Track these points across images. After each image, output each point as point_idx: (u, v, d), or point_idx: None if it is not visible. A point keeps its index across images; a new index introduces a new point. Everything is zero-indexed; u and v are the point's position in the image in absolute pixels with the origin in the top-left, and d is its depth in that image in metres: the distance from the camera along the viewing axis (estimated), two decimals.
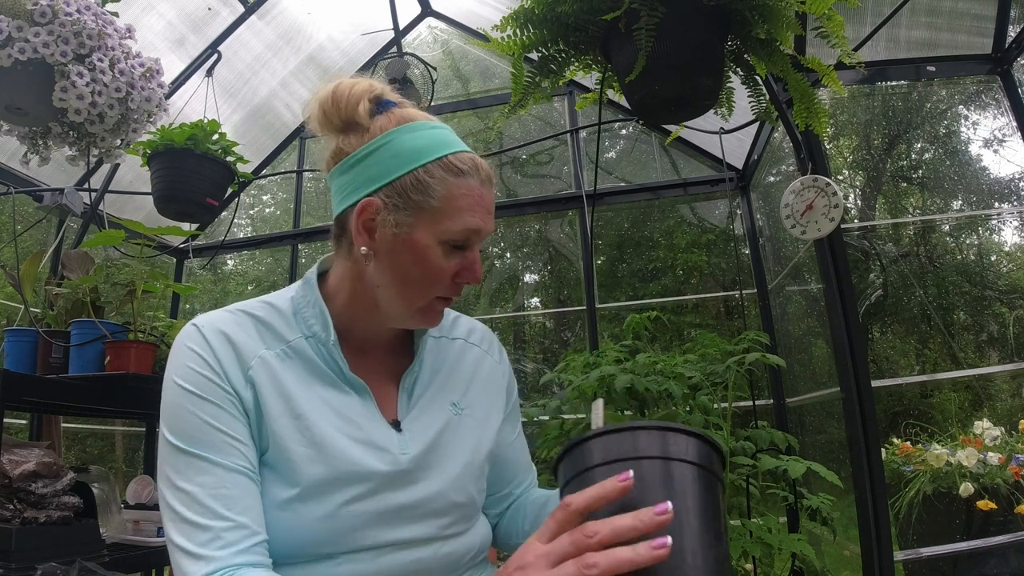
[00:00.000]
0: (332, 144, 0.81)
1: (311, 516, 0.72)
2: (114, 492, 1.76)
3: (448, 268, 0.77)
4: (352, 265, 0.80)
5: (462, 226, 0.76)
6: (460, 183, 0.76)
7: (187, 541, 0.67)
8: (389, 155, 0.76)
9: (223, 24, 2.88)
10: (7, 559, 1.25)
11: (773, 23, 1.26)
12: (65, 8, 1.43)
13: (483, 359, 0.94)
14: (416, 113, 0.80)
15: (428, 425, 0.82)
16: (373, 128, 0.77)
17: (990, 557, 2.03)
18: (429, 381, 0.86)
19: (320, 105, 0.79)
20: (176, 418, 0.72)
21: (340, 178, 0.79)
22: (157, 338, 1.64)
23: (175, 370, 0.74)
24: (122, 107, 1.60)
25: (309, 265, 3.89)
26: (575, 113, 3.32)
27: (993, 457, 2.17)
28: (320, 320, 0.80)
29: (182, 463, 0.70)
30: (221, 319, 0.78)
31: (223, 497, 0.69)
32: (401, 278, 0.77)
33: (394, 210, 0.75)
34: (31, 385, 1.46)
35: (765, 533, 1.55)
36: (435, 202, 0.75)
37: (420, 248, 0.75)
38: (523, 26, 1.38)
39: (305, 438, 0.74)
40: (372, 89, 0.79)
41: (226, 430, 0.72)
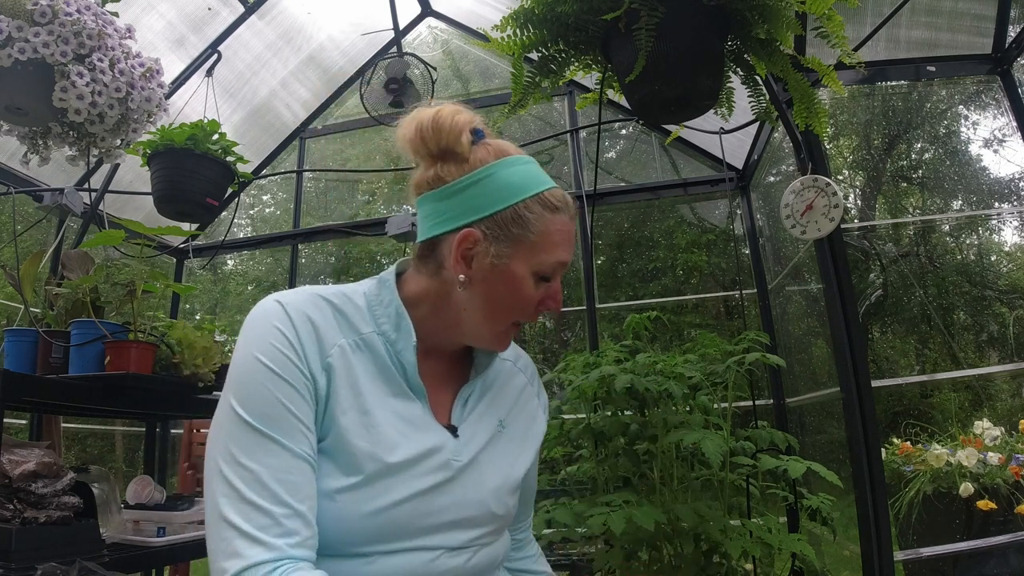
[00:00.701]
0: (426, 170, 0.83)
1: (358, 511, 0.72)
2: (114, 492, 1.76)
3: (535, 297, 0.82)
4: (439, 285, 0.83)
5: (555, 259, 0.81)
6: (555, 219, 0.81)
7: (244, 521, 0.65)
8: (491, 188, 0.79)
9: (223, 24, 2.88)
10: (7, 559, 1.25)
11: (773, 23, 1.26)
12: (65, 8, 1.43)
13: (526, 387, 0.98)
14: (509, 146, 0.84)
15: (478, 436, 0.85)
16: (472, 159, 0.81)
17: (990, 557, 2.03)
18: (481, 395, 0.90)
19: (418, 129, 0.82)
20: (251, 394, 0.71)
21: (436, 204, 0.82)
22: (157, 338, 1.64)
23: (256, 345, 0.73)
24: (122, 107, 1.60)
25: (309, 265, 3.91)
26: (575, 113, 3.32)
27: (993, 457, 2.17)
28: (393, 321, 0.82)
29: (251, 440, 0.69)
30: (304, 301, 0.78)
31: (287, 483, 0.68)
32: (492, 304, 0.81)
33: (494, 241, 0.79)
34: (31, 385, 1.45)
35: (765, 533, 1.55)
36: (532, 236, 0.79)
37: (516, 278, 0.80)
38: (523, 26, 1.38)
39: (369, 434, 0.75)
40: (472, 120, 0.82)
41: (299, 415, 0.72)
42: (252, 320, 0.77)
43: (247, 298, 8.33)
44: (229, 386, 0.73)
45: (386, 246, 7.31)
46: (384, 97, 2.68)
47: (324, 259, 8.15)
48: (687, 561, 1.55)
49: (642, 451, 1.81)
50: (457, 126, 0.80)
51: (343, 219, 4.48)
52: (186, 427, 2.75)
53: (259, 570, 0.64)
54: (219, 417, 0.72)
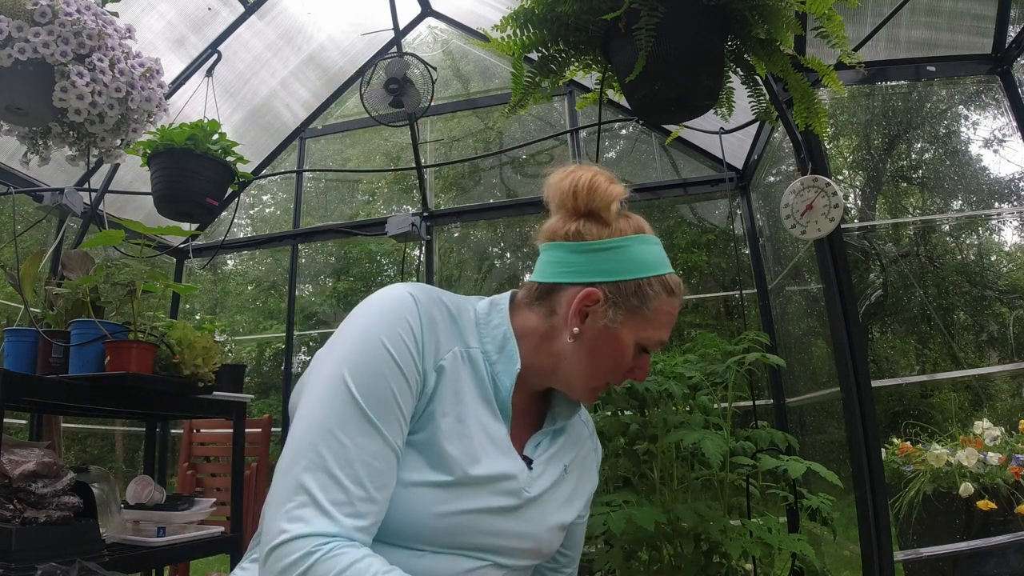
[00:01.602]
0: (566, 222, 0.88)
1: (429, 509, 0.75)
2: (114, 492, 1.76)
3: (629, 364, 0.88)
4: (547, 328, 0.87)
5: (658, 338, 0.88)
6: (670, 301, 0.87)
7: (320, 491, 0.67)
8: (624, 257, 0.86)
9: (223, 24, 2.88)
10: (7, 559, 1.25)
11: (773, 23, 1.26)
12: (65, 8, 1.43)
13: (588, 440, 1.03)
14: (646, 225, 0.90)
15: (548, 474, 0.89)
16: (614, 227, 0.87)
17: (990, 557, 2.03)
18: (552, 441, 0.94)
19: (573, 185, 0.87)
20: (368, 375, 0.73)
21: (568, 255, 0.87)
22: (157, 338, 1.64)
23: (384, 330, 0.76)
24: (122, 107, 1.60)
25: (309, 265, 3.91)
26: (575, 113, 3.32)
27: (993, 457, 2.17)
28: (497, 344, 0.86)
29: (353, 418, 0.71)
30: (431, 300, 0.82)
31: (373, 468, 0.70)
32: (592, 362, 0.86)
33: (612, 306, 0.84)
34: (31, 385, 1.46)
35: (765, 533, 1.55)
36: (647, 311, 0.85)
37: (621, 344, 0.85)
38: (523, 26, 1.38)
39: (460, 442, 0.78)
40: (623, 193, 0.89)
41: (403, 407, 0.74)
42: (382, 304, 0.79)
43: (247, 298, 8.32)
44: (345, 359, 0.74)
45: (386, 246, 7.31)
46: (384, 97, 2.68)
47: (324, 259, 8.15)
48: (687, 561, 1.55)
49: (642, 451, 1.81)
50: (611, 194, 0.87)
51: (343, 219, 4.48)
52: (186, 427, 2.75)
53: (318, 539, 0.66)
54: (325, 383, 0.74)
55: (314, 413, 0.72)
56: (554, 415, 0.94)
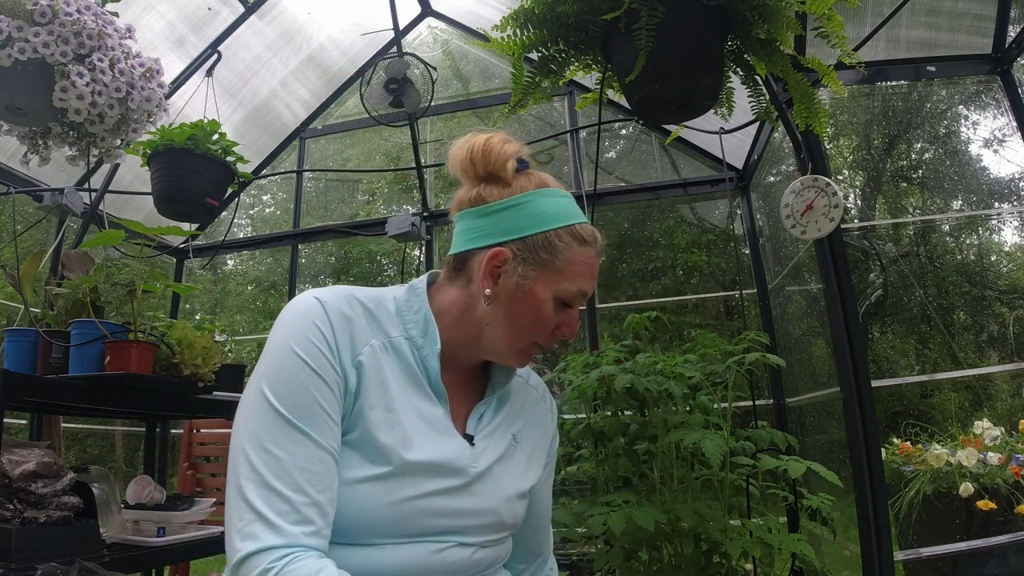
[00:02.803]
0: (469, 189, 0.89)
1: (378, 501, 0.75)
2: (114, 492, 1.76)
3: (553, 321, 0.86)
4: (466, 298, 0.87)
5: (576, 288, 0.85)
6: (583, 250, 0.86)
7: (264, 506, 0.68)
8: (526, 213, 0.85)
9: (223, 24, 2.88)
10: (7, 559, 1.25)
11: (773, 23, 1.26)
12: (65, 8, 1.43)
13: (539, 404, 1.02)
14: (549, 179, 0.90)
15: (493, 447, 0.89)
16: (514, 185, 0.87)
17: (990, 557, 2.03)
18: (496, 411, 0.94)
19: (469, 151, 0.88)
20: (285, 385, 0.74)
21: (473, 221, 0.87)
22: (157, 338, 1.64)
23: (294, 338, 0.77)
24: (122, 107, 1.60)
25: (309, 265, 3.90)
26: (575, 113, 3.32)
27: (993, 457, 2.17)
28: (420, 327, 0.86)
29: (280, 429, 0.72)
30: (341, 300, 0.83)
31: (310, 472, 0.71)
32: (512, 323, 0.85)
33: (522, 263, 0.84)
34: (31, 385, 1.45)
35: (765, 533, 1.55)
36: (559, 263, 0.84)
37: (537, 300, 0.84)
38: (523, 26, 1.38)
39: (393, 431, 0.79)
40: (520, 151, 0.89)
41: (327, 409, 0.75)
42: (290, 314, 0.80)
43: (247, 298, 8.32)
44: (262, 374, 0.76)
45: (386, 246, 7.31)
46: (384, 97, 2.68)
47: (324, 259, 8.14)
48: (687, 561, 1.55)
49: (642, 451, 1.81)
50: (505, 153, 0.87)
51: (343, 219, 4.48)
52: (186, 427, 2.75)
53: (272, 554, 0.67)
54: (249, 402, 0.75)
55: (245, 430, 0.73)
56: (493, 384, 0.94)
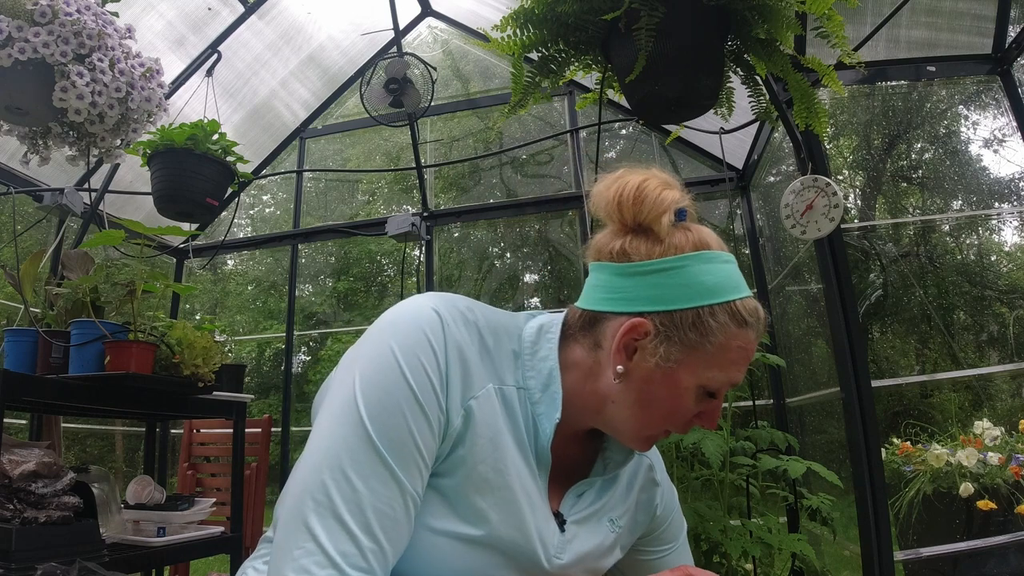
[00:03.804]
0: (613, 238, 0.74)
1: (451, 562, 0.67)
2: (114, 492, 1.76)
3: (694, 410, 0.73)
4: (592, 364, 0.74)
5: (727, 379, 0.72)
6: (741, 334, 0.70)
7: (327, 539, 0.59)
8: (678, 282, 0.70)
9: (223, 24, 2.88)
10: (7, 559, 1.25)
11: (773, 23, 1.26)
12: (65, 8, 1.43)
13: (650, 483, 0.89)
14: (710, 237, 0.74)
15: (585, 538, 0.78)
16: (667, 243, 0.71)
17: (990, 557, 2.03)
18: (600, 494, 0.82)
19: (617, 195, 0.74)
20: (385, 410, 0.64)
21: (613, 278, 0.73)
22: (157, 338, 1.64)
23: (403, 351, 0.66)
24: (122, 107, 1.60)
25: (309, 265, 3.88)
26: (575, 113, 3.32)
27: (993, 457, 2.17)
28: (542, 381, 0.74)
29: (366, 457, 0.62)
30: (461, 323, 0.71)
31: (385, 516, 0.62)
32: (643, 407, 0.72)
33: (665, 341, 0.69)
34: (31, 385, 1.46)
35: (765, 533, 1.55)
36: (710, 347, 0.69)
37: (677, 387, 0.71)
38: (523, 26, 1.38)
39: (494, 496, 0.69)
40: (679, 201, 0.74)
41: (423, 450, 0.65)
42: (403, 318, 0.69)
43: (247, 298, 8.32)
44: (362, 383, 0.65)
45: (386, 246, 7.31)
46: (384, 97, 2.68)
47: (324, 259, 8.15)
48: None
49: None
50: (662, 203, 0.71)
51: (343, 219, 4.48)
52: (186, 427, 2.75)
53: None
54: (341, 412, 0.65)
55: (325, 446, 0.63)
56: (605, 461, 0.81)
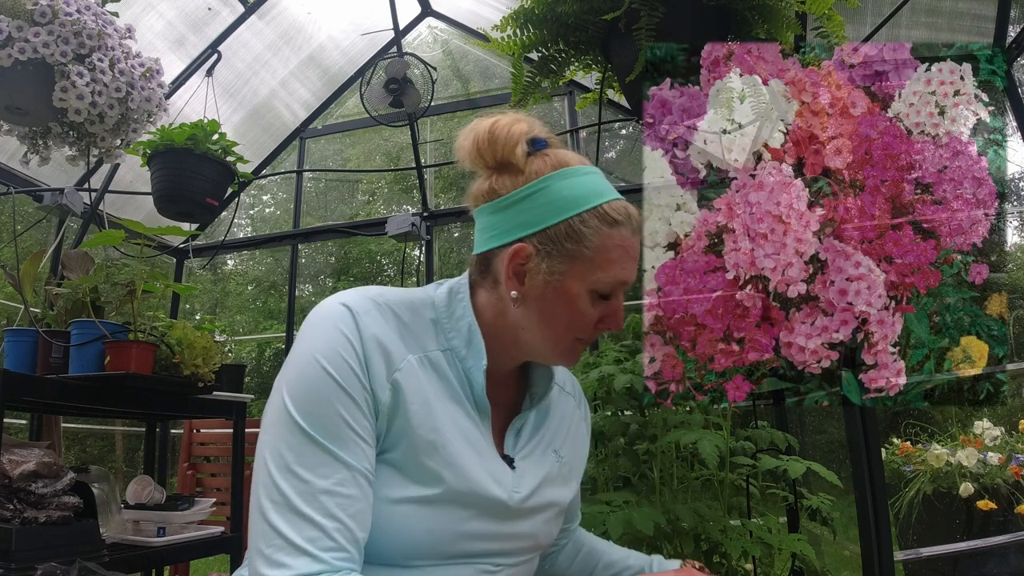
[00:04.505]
0: (483, 181, 0.80)
1: (419, 526, 0.72)
2: (114, 492, 1.76)
3: (594, 315, 0.78)
4: (496, 301, 0.80)
5: (612, 278, 0.76)
6: (614, 233, 0.76)
7: (292, 532, 0.64)
8: (544, 201, 0.75)
9: (223, 24, 2.88)
10: (7, 559, 1.25)
11: (773, 23, 1.26)
12: (65, 8, 1.43)
13: (575, 411, 0.96)
14: (570, 156, 0.79)
15: (534, 469, 0.83)
16: (528, 171, 0.77)
17: (990, 557, 2.03)
18: (536, 425, 0.87)
19: (475, 142, 0.79)
20: (312, 402, 0.68)
21: (490, 217, 0.79)
22: (157, 338, 1.64)
23: (321, 349, 0.70)
24: (122, 107, 1.60)
25: (309, 265, 3.88)
26: (575, 113, 3.32)
27: (993, 457, 2.17)
28: (464, 338, 0.79)
29: (306, 449, 0.67)
30: (372, 310, 0.75)
31: (340, 495, 0.66)
32: (547, 323, 0.77)
33: (546, 257, 0.75)
34: (31, 385, 1.46)
35: (765, 533, 1.55)
36: (588, 252, 0.75)
37: (570, 296, 0.76)
38: (523, 26, 1.39)
39: (440, 454, 0.73)
40: (529, 130, 0.78)
41: (358, 428, 0.69)
42: (317, 321, 0.74)
43: (247, 298, 8.32)
44: (288, 387, 0.70)
45: (386, 246, 7.31)
46: (384, 97, 2.68)
47: (324, 259, 8.15)
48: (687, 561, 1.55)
49: (642, 451, 1.81)
50: (513, 137, 0.77)
51: (343, 219, 4.49)
52: (186, 427, 2.75)
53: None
54: (273, 417, 0.70)
55: (268, 452, 0.68)
56: (532, 395, 0.87)
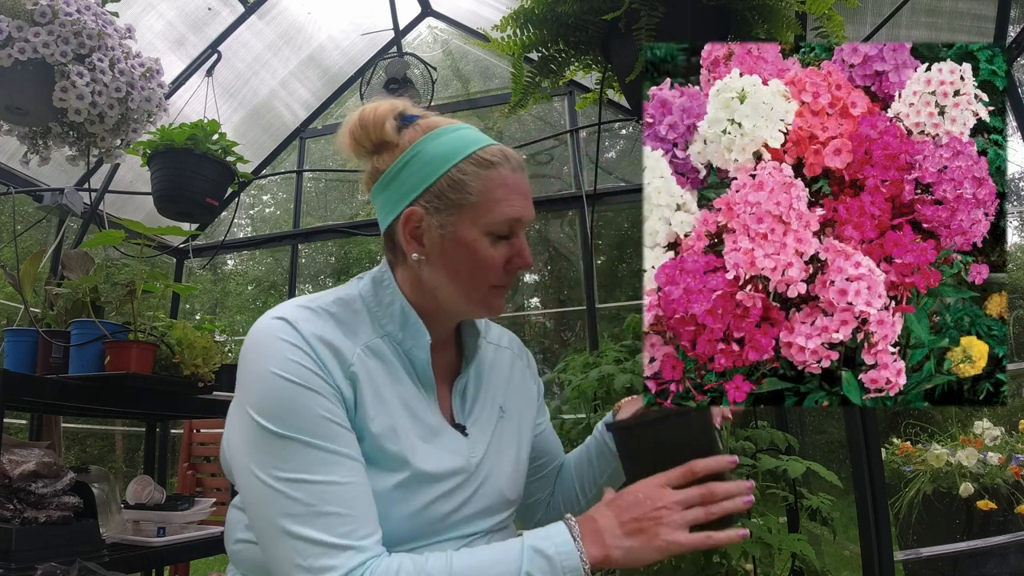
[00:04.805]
0: (368, 166, 0.85)
1: (397, 512, 0.74)
2: (114, 492, 1.76)
3: (498, 257, 0.80)
4: (409, 271, 0.83)
5: (502, 216, 0.79)
6: (492, 174, 0.79)
7: (326, 534, 0.65)
8: (421, 164, 0.79)
9: (223, 24, 2.88)
10: (7, 559, 1.25)
11: (773, 23, 1.26)
12: (65, 8, 1.43)
13: (515, 362, 0.99)
14: (440, 120, 0.84)
15: (484, 429, 0.87)
16: (402, 143, 0.81)
17: (990, 557, 2.03)
18: (477, 385, 0.90)
19: (350, 133, 0.83)
20: (286, 411, 0.70)
21: (381, 196, 0.83)
22: (157, 338, 1.64)
23: (273, 362, 0.72)
24: (122, 107, 1.60)
25: (309, 265, 3.89)
26: (575, 113, 3.32)
27: (993, 457, 2.17)
28: (398, 321, 0.82)
29: (300, 454, 0.68)
30: (307, 314, 0.77)
31: (352, 484, 0.69)
32: (455, 275, 0.80)
33: (436, 213, 0.78)
34: (31, 385, 1.45)
35: (765, 533, 1.55)
36: (473, 197, 0.78)
37: (468, 243, 0.78)
38: (523, 26, 1.38)
39: (400, 439, 0.76)
40: (395, 107, 0.83)
41: (339, 420, 0.72)
42: (258, 340, 0.75)
43: (247, 298, 8.32)
44: (255, 407, 0.71)
45: None
46: (384, 97, 2.68)
47: (324, 259, 8.14)
48: (687, 561, 1.55)
49: None
50: (380, 116, 0.81)
51: (343, 219, 4.49)
52: (186, 427, 2.75)
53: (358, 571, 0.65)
54: (250, 441, 0.71)
55: (261, 471, 0.69)
56: (467, 358, 0.90)
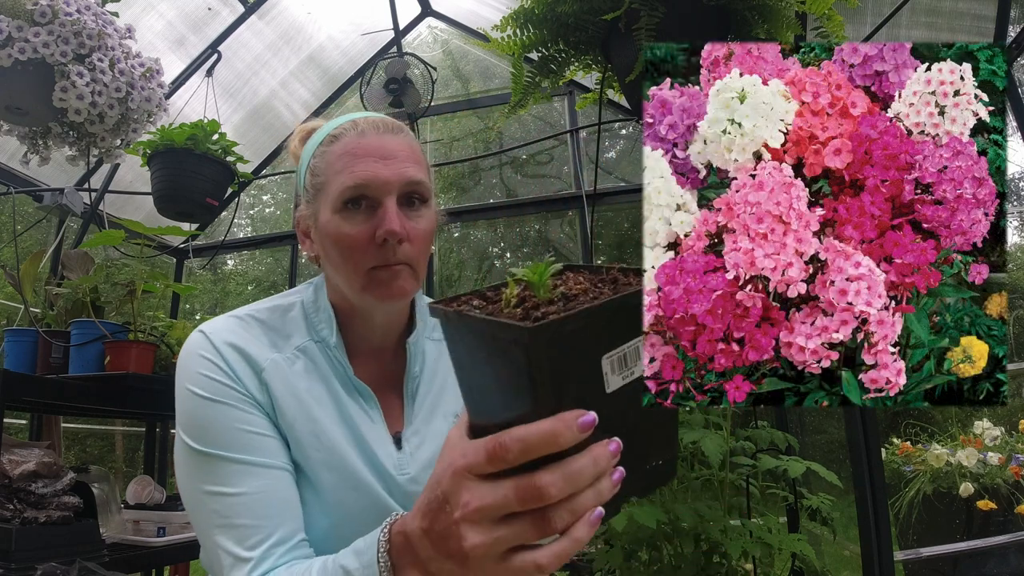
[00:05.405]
0: None
1: (319, 523, 0.74)
2: (114, 492, 1.76)
3: (355, 232, 0.74)
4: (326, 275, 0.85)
5: (340, 186, 0.74)
6: (335, 148, 0.77)
7: (236, 545, 0.67)
8: (300, 167, 0.83)
9: (223, 24, 2.88)
10: (7, 559, 1.25)
11: (773, 23, 1.26)
12: (65, 8, 1.43)
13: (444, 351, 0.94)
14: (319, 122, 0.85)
15: (429, 440, 0.82)
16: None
17: (990, 557, 2.03)
18: (429, 386, 0.87)
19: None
20: (201, 427, 0.72)
21: None
22: (157, 338, 1.64)
23: (188, 379, 0.74)
24: (122, 107, 1.60)
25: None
26: (575, 113, 3.32)
27: (993, 457, 2.17)
28: (329, 325, 0.81)
29: (214, 467, 0.70)
30: (227, 325, 0.79)
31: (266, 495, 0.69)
32: (333, 263, 0.78)
33: (307, 204, 0.80)
34: (31, 385, 1.46)
35: (765, 533, 1.55)
36: (322, 177, 0.77)
37: (328, 226, 0.76)
38: (523, 26, 1.38)
39: (321, 443, 0.75)
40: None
41: (256, 430, 0.72)
42: (182, 355, 0.78)
43: (247, 298, 8.32)
44: (180, 425, 0.74)
45: None
46: (384, 97, 2.68)
47: None
48: (687, 561, 1.55)
49: None
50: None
51: None
52: None
53: None
54: (180, 458, 0.74)
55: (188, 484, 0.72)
56: (410, 357, 0.85)
